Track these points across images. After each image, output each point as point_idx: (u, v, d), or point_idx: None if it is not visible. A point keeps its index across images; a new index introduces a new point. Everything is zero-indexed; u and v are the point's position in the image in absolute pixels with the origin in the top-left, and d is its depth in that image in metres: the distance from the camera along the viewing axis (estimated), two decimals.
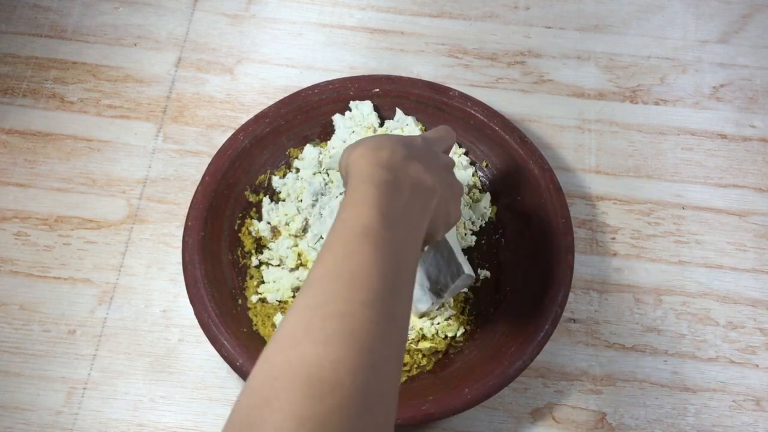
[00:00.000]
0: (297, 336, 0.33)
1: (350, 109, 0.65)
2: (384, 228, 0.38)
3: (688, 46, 0.76)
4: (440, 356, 0.57)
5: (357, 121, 0.65)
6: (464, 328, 0.58)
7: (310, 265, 0.60)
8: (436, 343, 0.57)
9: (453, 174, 0.49)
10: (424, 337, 0.58)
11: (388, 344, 0.34)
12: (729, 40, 0.76)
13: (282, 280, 0.59)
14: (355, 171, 0.41)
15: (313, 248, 0.60)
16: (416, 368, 0.56)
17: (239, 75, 0.72)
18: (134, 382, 0.58)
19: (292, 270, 0.60)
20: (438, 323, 0.58)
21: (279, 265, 0.61)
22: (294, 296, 0.59)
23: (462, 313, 0.59)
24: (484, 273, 0.61)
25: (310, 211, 0.62)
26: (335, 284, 0.35)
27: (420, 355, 0.57)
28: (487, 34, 0.76)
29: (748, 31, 0.77)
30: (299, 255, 0.60)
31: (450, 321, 0.58)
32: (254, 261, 0.60)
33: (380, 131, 0.65)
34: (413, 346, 0.57)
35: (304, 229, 0.62)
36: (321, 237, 0.61)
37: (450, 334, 0.58)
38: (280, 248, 0.60)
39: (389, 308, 0.35)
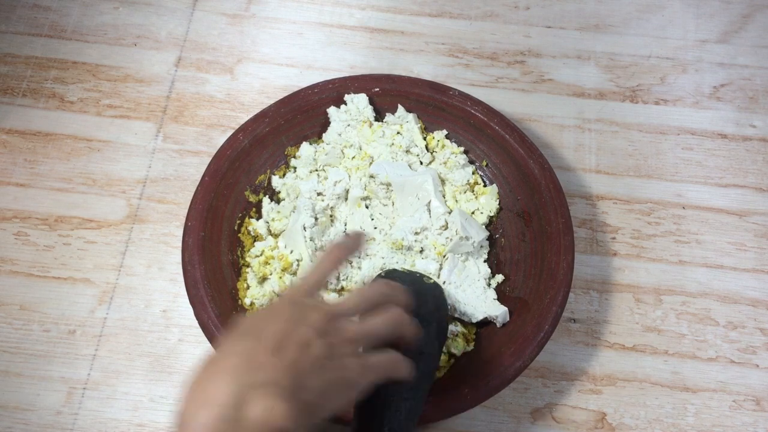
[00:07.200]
0: None
1: (345, 103, 0.65)
2: None
3: (688, 46, 0.76)
4: None
5: (352, 115, 0.64)
6: (471, 346, 0.56)
7: (300, 269, 0.57)
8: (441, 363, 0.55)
9: (355, 354, 0.38)
10: None
11: None
12: (729, 40, 0.76)
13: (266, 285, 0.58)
14: None
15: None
16: None
17: (239, 75, 0.72)
18: (134, 382, 0.58)
19: (259, 283, 0.58)
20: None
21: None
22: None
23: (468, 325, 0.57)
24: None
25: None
26: None
27: None
28: (487, 34, 0.76)
29: (748, 31, 0.77)
30: (266, 262, 0.58)
31: (457, 338, 0.56)
32: (254, 261, 0.60)
33: (375, 126, 0.64)
34: None
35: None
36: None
37: (455, 352, 0.55)
38: (257, 251, 0.59)
39: None
